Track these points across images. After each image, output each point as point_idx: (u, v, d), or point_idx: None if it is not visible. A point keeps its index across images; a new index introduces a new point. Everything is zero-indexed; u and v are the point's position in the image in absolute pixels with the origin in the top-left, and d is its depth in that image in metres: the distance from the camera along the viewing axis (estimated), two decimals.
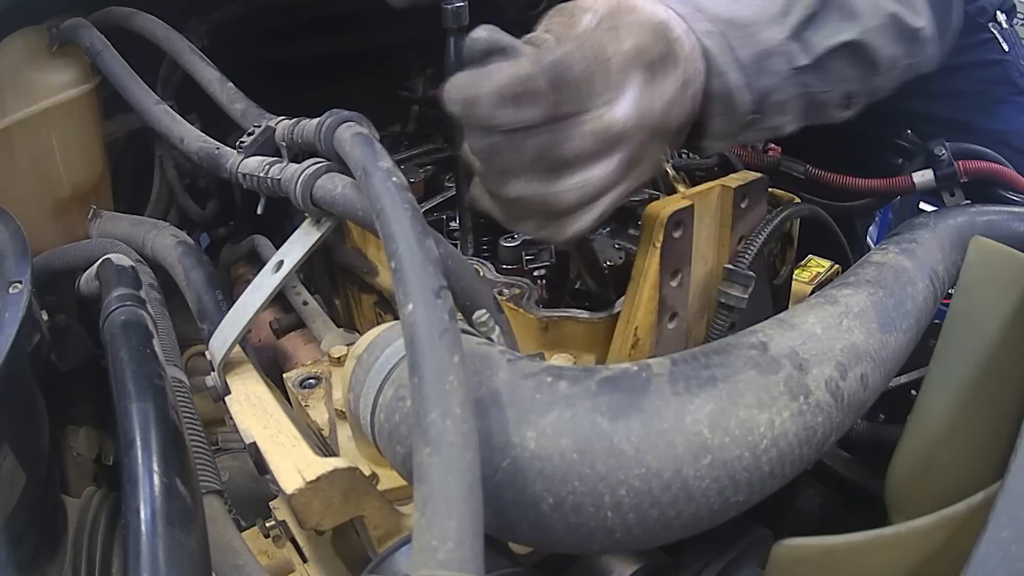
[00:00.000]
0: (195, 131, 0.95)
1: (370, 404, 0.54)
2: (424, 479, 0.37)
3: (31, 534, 0.67)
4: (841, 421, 0.57)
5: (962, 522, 0.55)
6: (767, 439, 0.50)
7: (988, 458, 0.65)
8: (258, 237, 1.17)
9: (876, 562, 0.58)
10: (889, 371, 0.67)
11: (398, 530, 0.62)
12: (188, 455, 0.63)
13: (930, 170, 1.02)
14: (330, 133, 0.70)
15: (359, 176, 0.60)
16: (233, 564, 0.61)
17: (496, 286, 0.77)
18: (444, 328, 0.44)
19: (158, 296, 0.87)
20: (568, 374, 0.51)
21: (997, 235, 0.80)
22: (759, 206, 0.77)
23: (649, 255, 0.68)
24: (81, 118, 1.04)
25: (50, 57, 1.01)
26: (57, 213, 1.06)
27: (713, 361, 0.54)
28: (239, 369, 0.76)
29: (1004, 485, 0.47)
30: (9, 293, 0.69)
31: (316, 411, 0.77)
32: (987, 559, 0.43)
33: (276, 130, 0.82)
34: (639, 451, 0.47)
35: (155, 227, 0.97)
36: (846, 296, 0.67)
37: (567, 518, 0.47)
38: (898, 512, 0.77)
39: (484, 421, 0.48)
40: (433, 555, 0.34)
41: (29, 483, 0.65)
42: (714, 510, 0.49)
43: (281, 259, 0.74)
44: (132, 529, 0.52)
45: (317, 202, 0.71)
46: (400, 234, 0.50)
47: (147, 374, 0.65)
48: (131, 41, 1.02)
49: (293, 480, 0.57)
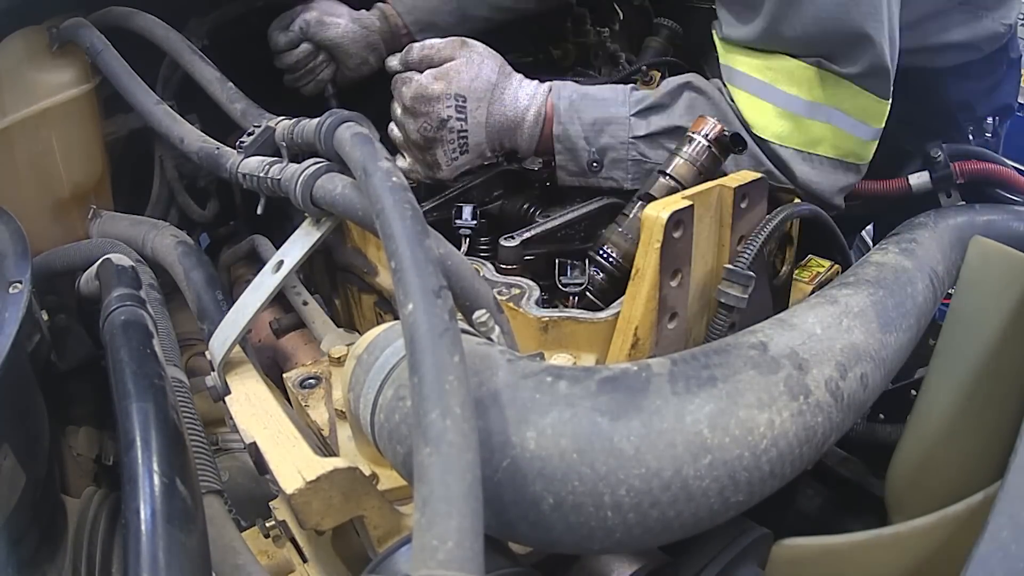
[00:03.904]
0: (195, 131, 0.95)
1: (370, 404, 0.54)
2: (424, 479, 0.37)
3: (31, 534, 0.67)
4: (841, 421, 0.57)
5: (962, 522, 0.55)
6: (767, 439, 0.50)
7: (988, 458, 0.65)
8: (258, 237, 1.17)
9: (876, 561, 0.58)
10: (889, 371, 0.67)
11: (398, 530, 0.62)
12: (188, 455, 0.63)
13: (926, 172, 1.02)
14: (330, 133, 0.70)
15: (359, 176, 0.60)
16: (233, 564, 0.61)
17: (496, 286, 0.77)
18: (444, 328, 0.44)
19: (158, 296, 0.87)
20: (568, 374, 0.51)
21: (997, 235, 0.81)
22: (759, 206, 0.77)
23: (649, 255, 0.68)
24: (81, 118, 1.04)
25: (50, 57, 1.01)
26: (57, 213, 1.06)
27: (713, 361, 0.54)
28: (239, 369, 0.76)
29: (1004, 485, 0.48)
30: (9, 293, 0.69)
31: (316, 411, 0.77)
32: (987, 558, 0.43)
33: (276, 130, 0.82)
34: (639, 451, 0.47)
35: (155, 227, 0.97)
36: (846, 296, 0.67)
37: (567, 518, 0.47)
38: (898, 512, 0.77)
39: (484, 421, 0.48)
40: (433, 555, 0.34)
41: (29, 483, 0.65)
42: (714, 510, 0.49)
43: (281, 259, 0.74)
44: (132, 529, 0.52)
45: (317, 202, 0.71)
46: (400, 234, 0.50)
47: (147, 374, 0.65)
48: (131, 41, 1.02)
49: (293, 480, 0.57)
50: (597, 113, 0.90)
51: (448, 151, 0.93)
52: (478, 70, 0.91)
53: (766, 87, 0.88)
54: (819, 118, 0.87)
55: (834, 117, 0.87)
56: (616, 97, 0.91)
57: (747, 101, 0.89)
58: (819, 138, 0.88)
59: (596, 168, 0.91)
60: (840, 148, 0.89)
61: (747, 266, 0.72)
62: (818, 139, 0.88)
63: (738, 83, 0.90)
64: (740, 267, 0.73)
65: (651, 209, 0.68)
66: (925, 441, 0.76)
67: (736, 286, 0.72)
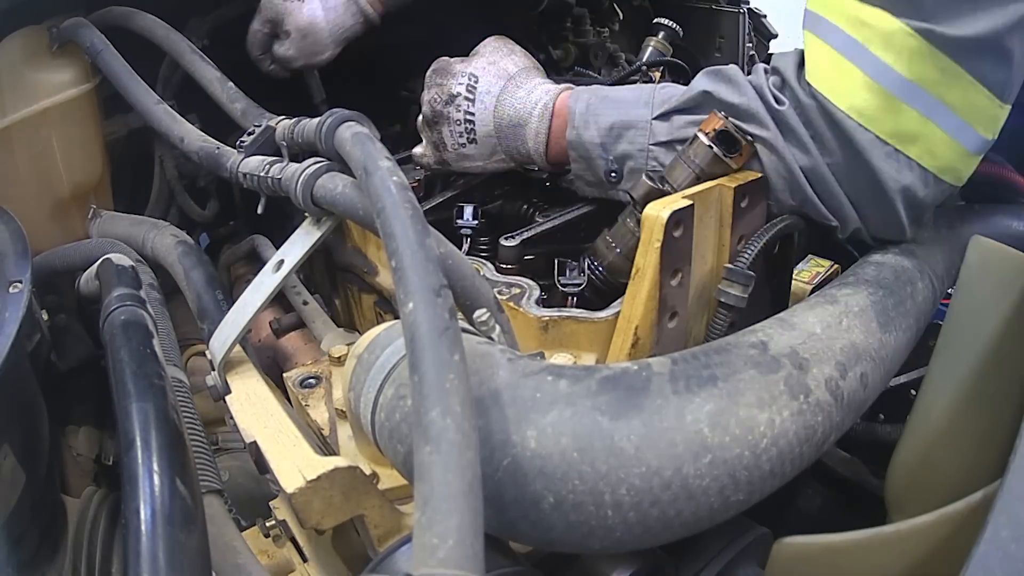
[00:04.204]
0: (195, 131, 0.95)
1: (370, 403, 0.54)
2: (424, 477, 0.37)
3: (31, 534, 0.67)
4: (841, 420, 0.57)
5: (962, 521, 0.55)
6: (767, 438, 0.51)
7: (987, 457, 0.65)
8: (258, 237, 1.17)
9: (876, 560, 0.58)
10: (889, 370, 0.67)
11: (398, 529, 0.62)
12: (188, 455, 0.63)
13: None
14: (331, 132, 0.70)
15: (360, 175, 0.60)
16: (233, 564, 0.61)
17: (496, 285, 0.77)
18: (444, 327, 0.44)
19: (158, 296, 0.87)
20: (569, 373, 0.51)
21: (996, 235, 0.80)
22: (759, 206, 0.77)
23: (649, 254, 0.68)
24: (81, 118, 1.04)
25: (50, 57, 1.01)
26: (57, 213, 1.06)
27: (713, 360, 0.54)
28: (239, 369, 0.76)
29: (1003, 484, 0.47)
30: (9, 293, 0.69)
31: (316, 411, 0.77)
32: (987, 558, 0.43)
33: (276, 130, 0.82)
34: (639, 450, 0.47)
35: (155, 227, 0.97)
36: (846, 296, 0.67)
37: (567, 517, 0.47)
38: (898, 511, 0.77)
39: (485, 419, 0.48)
40: (433, 553, 0.34)
41: (29, 483, 0.65)
42: (714, 509, 0.49)
43: (281, 259, 0.74)
44: (132, 529, 0.52)
45: (318, 201, 0.71)
46: (401, 233, 0.50)
47: (147, 374, 0.65)
48: (131, 41, 1.02)
49: (294, 479, 0.57)
50: (615, 117, 0.81)
51: (455, 133, 0.89)
52: (500, 59, 0.90)
53: (856, 46, 0.68)
54: (917, 106, 0.67)
55: (935, 111, 0.67)
56: (639, 98, 0.81)
57: (828, 59, 0.69)
58: (912, 134, 0.68)
59: (615, 179, 0.82)
60: (936, 156, 0.69)
61: (747, 266, 0.73)
62: (911, 135, 0.68)
63: (822, 33, 0.70)
64: (740, 267, 0.73)
65: (651, 209, 0.68)
66: (925, 440, 0.76)
67: (736, 285, 0.72)
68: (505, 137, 0.89)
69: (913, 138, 0.68)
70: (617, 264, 0.79)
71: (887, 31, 0.66)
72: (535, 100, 0.87)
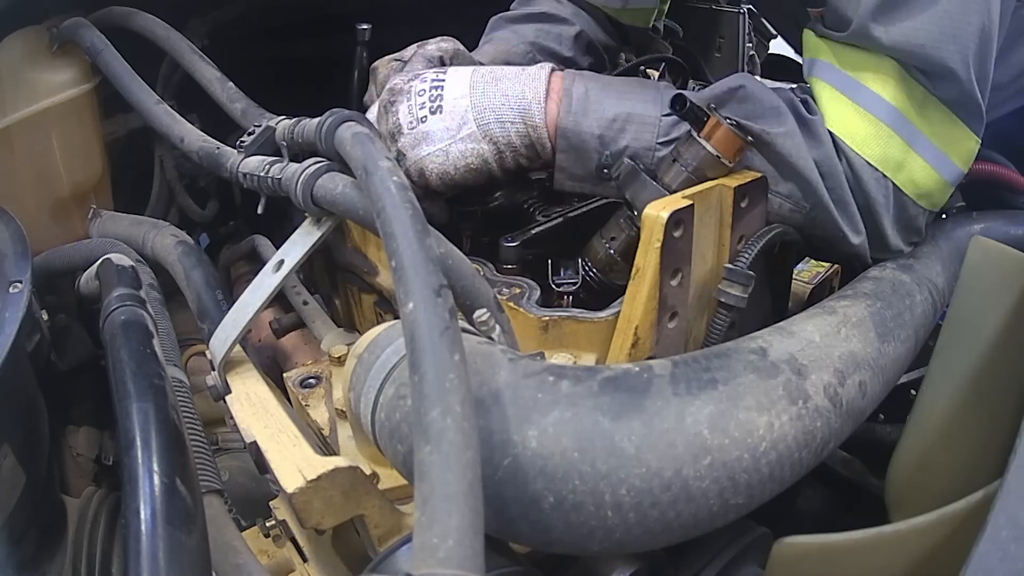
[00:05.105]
0: (195, 131, 0.95)
1: (371, 403, 0.54)
2: (424, 477, 0.37)
3: (31, 534, 0.67)
4: (840, 427, 0.58)
5: (962, 521, 0.55)
6: (766, 441, 0.51)
7: (987, 457, 0.66)
8: (258, 237, 1.17)
9: (876, 560, 0.58)
10: (888, 380, 0.67)
11: (398, 529, 0.62)
12: (188, 455, 0.63)
13: None
14: (331, 132, 0.70)
15: (360, 175, 0.60)
16: (233, 564, 0.61)
17: (496, 286, 0.77)
18: (445, 327, 0.44)
19: (158, 296, 0.87)
20: (570, 374, 0.51)
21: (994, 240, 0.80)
22: (759, 206, 0.77)
23: (649, 254, 0.68)
24: (81, 118, 1.04)
25: (50, 57, 1.01)
26: (57, 213, 1.06)
27: (714, 364, 0.54)
28: (239, 369, 0.76)
29: (1003, 484, 0.47)
30: (9, 293, 0.69)
31: (316, 410, 0.77)
32: (986, 558, 0.43)
33: (276, 130, 0.82)
34: (640, 451, 0.47)
35: (155, 227, 0.97)
36: (844, 307, 0.68)
37: (567, 517, 0.47)
38: (898, 511, 0.77)
39: (485, 419, 0.48)
40: (433, 553, 0.34)
41: (29, 483, 0.65)
42: (714, 511, 0.49)
43: (281, 259, 0.74)
44: (132, 529, 0.52)
45: (318, 201, 0.71)
46: (401, 233, 0.50)
47: (147, 374, 0.65)
48: (131, 41, 1.02)
49: (294, 479, 0.57)
50: (620, 108, 0.74)
51: (415, 107, 0.75)
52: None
53: (849, 81, 0.74)
54: (902, 134, 0.73)
55: (918, 141, 0.73)
56: (645, 90, 0.76)
57: (829, 97, 0.76)
58: (898, 162, 0.74)
59: (607, 175, 0.76)
60: (918, 185, 0.75)
61: (747, 266, 0.73)
62: (897, 163, 0.74)
63: (821, 75, 0.77)
64: (740, 266, 0.73)
65: (651, 208, 0.68)
66: (925, 440, 0.76)
67: (736, 285, 0.72)
68: (484, 95, 0.75)
69: (899, 166, 0.74)
70: (612, 264, 0.79)
71: (875, 62, 0.72)
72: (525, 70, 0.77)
